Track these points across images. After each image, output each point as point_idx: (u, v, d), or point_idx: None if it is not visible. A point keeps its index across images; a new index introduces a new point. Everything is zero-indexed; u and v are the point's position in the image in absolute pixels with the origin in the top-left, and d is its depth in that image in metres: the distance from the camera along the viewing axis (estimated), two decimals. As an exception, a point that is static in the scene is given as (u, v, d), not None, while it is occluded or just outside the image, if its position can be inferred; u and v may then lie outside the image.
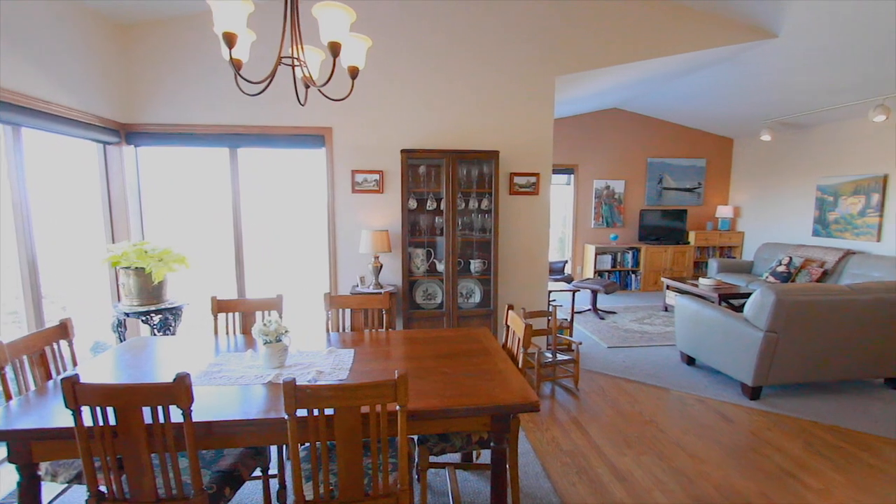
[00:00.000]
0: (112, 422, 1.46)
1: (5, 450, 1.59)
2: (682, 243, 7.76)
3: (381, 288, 3.91)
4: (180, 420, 1.47)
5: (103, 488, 1.52)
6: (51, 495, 2.22)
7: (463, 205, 3.98)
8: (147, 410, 1.45)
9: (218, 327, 2.71)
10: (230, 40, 1.64)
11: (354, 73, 2.01)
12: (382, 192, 4.14)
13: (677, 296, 4.36)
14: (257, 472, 2.36)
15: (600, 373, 4.07)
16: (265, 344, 2.03)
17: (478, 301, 4.15)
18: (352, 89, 2.11)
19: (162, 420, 1.46)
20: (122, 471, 1.54)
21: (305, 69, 1.90)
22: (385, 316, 2.81)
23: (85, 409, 1.44)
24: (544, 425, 3.15)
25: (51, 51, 3.02)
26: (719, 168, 8.05)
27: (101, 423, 1.45)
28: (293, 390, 1.42)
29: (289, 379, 1.42)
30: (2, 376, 1.81)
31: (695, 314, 4.00)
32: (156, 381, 1.50)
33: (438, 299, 4.10)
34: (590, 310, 6.16)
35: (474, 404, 1.72)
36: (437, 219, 4.03)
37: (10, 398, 1.80)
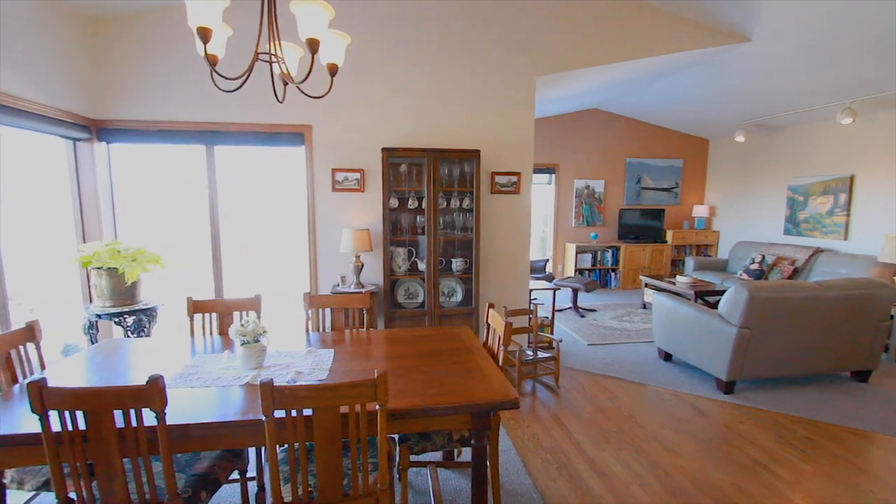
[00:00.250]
0: (82, 426, 1.42)
1: (-32, 457, 1.53)
2: (660, 242, 7.92)
3: (362, 287, 3.89)
4: (154, 423, 1.44)
5: (73, 495, 1.48)
6: (18, 504, 2.14)
7: (444, 204, 3.99)
8: (119, 414, 1.41)
9: (194, 328, 2.65)
10: (205, 35, 1.61)
11: (334, 70, 1.99)
12: (363, 191, 4.11)
13: (655, 293, 4.45)
14: (235, 475, 2.31)
15: (580, 370, 4.12)
16: (243, 345, 1.99)
17: (460, 300, 4.16)
18: (331, 87, 2.09)
19: (135, 424, 1.43)
20: (92, 477, 1.49)
21: (283, 66, 1.87)
22: (366, 315, 2.80)
23: (53, 414, 1.40)
24: (525, 422, 3.17)
25: (15, 43, 2.91)
26: (695, 168, 8.24)
27: (70, 428, 1.41)
28: (270, 391, 1.41)
29: (266, 380, 1.41)
30: (-36, 381, 1.74)
31: (671, 311, 4.09)
32: (128, 384, 1.47)
33: (420, 298, 4.09)
34: (570, 308, 6.23)
35: (455, 402, 1.72)
36: (418, 218, 4.02)
37: (-27, 404, 1.73)
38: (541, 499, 2.35)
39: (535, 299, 4.99)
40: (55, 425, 1.41)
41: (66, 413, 1.39)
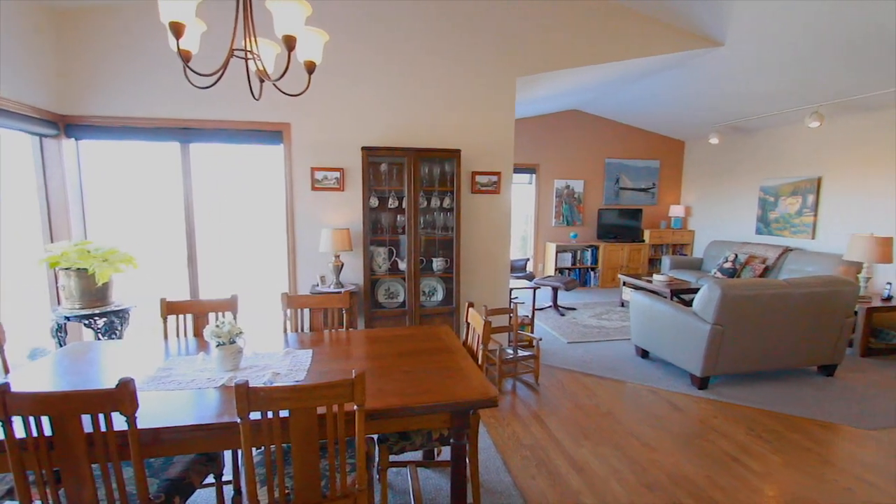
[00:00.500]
0: (48, 432, 1.37)
1: (-75, 467, 1.47)
2: (637, 241, 8.06)
3: (342, 287, 3.86)
4: (125, 428, 1.40)
5: (38, 503, 1.43)
6: (-20, 514, 2.06)
7: (425, 203, 3.98)
8: (87, 419, 1.37)
9: (168, 330, 2.59)
10: (177, 30, 1.57)
11: (311, 67, 1.97)
12: (343, 190, 4.08)
13: (633, 292, 4.53)
14: (210, 479, 2.27)
15: (560, 368, 4.17)
16: (218, 346, 1.96)
17: (440, 299, 4.16)
18: (308, 84, 2.06)
19: (104, 428, 1.39)
20: (59, 484, 1.45)
21: (259, 62, 1.84)
22: (346, 315, 2.78)
23: (17, 420, 1.35)
24: (505, 421, 3.20)
25: (-22, 35, 2.80)
26: (672, 169, 8.42)
27: (35, 434, 1.36)
28: (246, 393, 1.38)
29: (242, 381, 1.38)
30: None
31: (648, 309, 4.17)
32: (97, 388, 1.42)
33: (400, 298, 4.08)
34: (551, 306, 6.30)
35: (434, 401, 1.73)
36: (398, 217, 4.01)
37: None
38: (520, 496, 2.38)
39: (516, 298, 5.03)
40: (19, 431, 1.36)
41: (31, 419, 1.35)
